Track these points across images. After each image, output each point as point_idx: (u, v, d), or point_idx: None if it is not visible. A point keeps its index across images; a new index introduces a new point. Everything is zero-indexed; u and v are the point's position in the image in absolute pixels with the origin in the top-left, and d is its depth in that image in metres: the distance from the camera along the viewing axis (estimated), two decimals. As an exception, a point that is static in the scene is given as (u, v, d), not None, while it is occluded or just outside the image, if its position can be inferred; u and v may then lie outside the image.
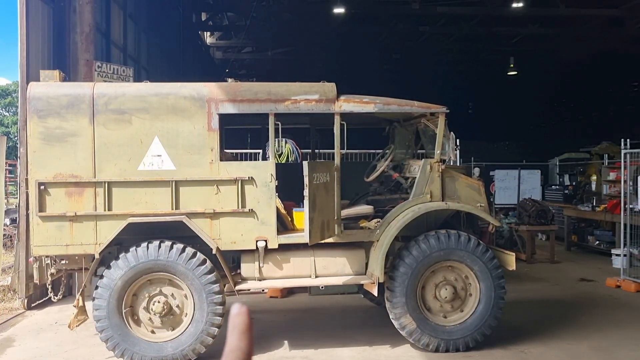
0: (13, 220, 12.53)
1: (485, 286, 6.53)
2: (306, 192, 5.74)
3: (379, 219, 6.73)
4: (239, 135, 11.83)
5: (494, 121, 30.40)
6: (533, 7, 17.52)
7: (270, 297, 9.06)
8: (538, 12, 18.55)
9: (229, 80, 6.90)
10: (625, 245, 10.27)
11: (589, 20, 19.35)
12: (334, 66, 22.20)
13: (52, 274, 6.28)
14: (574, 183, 17.19)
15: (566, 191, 16.36)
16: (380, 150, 7.96)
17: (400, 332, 6.53)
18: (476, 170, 14.39)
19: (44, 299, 8.57)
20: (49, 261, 6.24)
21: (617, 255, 11.20)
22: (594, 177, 16.14)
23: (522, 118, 31.77)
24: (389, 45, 23.09)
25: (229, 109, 6.24)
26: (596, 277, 10.70)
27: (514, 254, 6.95)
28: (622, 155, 10.15)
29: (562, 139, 27.93)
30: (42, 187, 5.96)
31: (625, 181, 10.57)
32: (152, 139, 6.09)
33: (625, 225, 10.14)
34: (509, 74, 24.70)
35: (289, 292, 9.27)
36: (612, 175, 13.85)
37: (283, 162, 8.35)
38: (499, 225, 8.10)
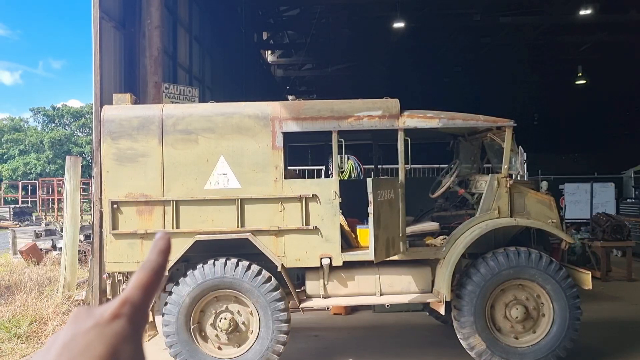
0: (87, 237, 13.06)
1: (559, 306, 6.24)
2: (371, 210, 5.69)
3: (445, 236, 6.58)
4: (301, 151, 11.93)
5: (561, 132, 29.31)
6: (601, 14, 16.89)
7: (334, 314, 9.01)
8: (607, 19, 17.87)
9: (290, 97, 6.98)
10: None
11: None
12: (394, 80, 22.11)
13: (124, 290, 6.47)
14: (651, 196, 16.31)
15: (642, 205, 15.50)
16: (445, 165, 7.80)
17: (469, 352, 6.32)
18: (544, 184, 13.88)
19: (116, 313, 8.83)
20: (121, 277, 6.45)
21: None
22: (673, 190, 15.26)
23: (591, 128, 30.45)
24: (449, 57, 22.82)
25: (293, 127, 6.29)
26: (679, 296, 10.06)
27: (589, 272, 6.61)
28: None
29: (636, 149, 26.57)
30: (114, 205, 6.18)
31: None
32: (218, 158, 6.21)
33: None
34: (577, 82, 23.82)
35: (353, 309, 9.18)
36: (693, 188, 13.06)
37: (345, 178, 8.33)
38: (572, 242, 7.74)
